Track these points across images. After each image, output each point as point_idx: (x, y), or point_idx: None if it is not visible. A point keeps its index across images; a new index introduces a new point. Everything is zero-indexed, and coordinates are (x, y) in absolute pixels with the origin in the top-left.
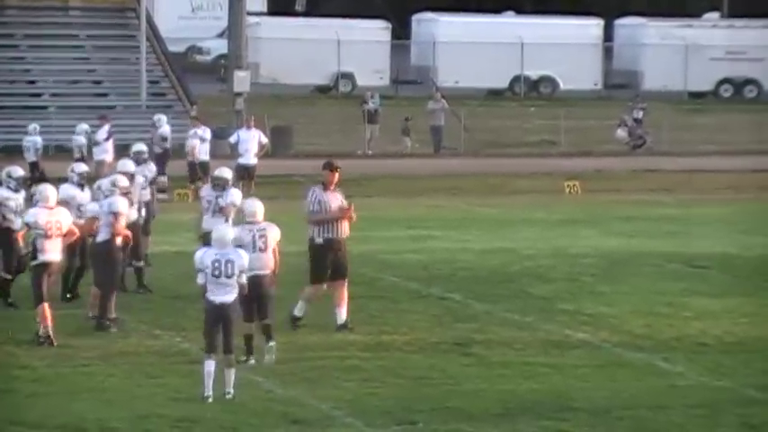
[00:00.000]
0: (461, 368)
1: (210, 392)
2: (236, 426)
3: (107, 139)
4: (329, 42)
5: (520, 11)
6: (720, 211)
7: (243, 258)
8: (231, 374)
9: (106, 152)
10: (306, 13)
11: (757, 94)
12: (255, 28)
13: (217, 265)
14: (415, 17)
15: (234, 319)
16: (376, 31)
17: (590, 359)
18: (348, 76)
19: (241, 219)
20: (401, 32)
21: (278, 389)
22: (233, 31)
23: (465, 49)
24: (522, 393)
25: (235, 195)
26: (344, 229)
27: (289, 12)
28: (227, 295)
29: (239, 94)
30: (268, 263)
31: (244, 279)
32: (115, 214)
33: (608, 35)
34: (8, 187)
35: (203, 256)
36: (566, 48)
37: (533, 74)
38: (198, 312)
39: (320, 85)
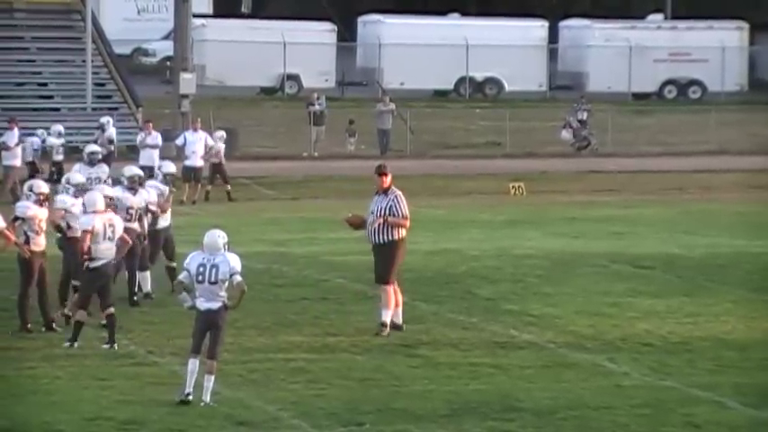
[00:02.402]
0: (408, 369)
1: (191, 390)
2: (183, 428)
3: (18, 143)
4: (275, 44)
5: (465, 13)
6: (664, 211)
7: (231, 263)
8: (210, 381)
9: (16, 157)
10: (251, 15)
11: (701, 95)
12: (201, 30)
13: (201, 270)
14: (361, 19)
15: (222, 327)
16: (321, 33)
17: (535, 360)
18: (294, 78)
19: None
20: (347, 34)
21: (224, 390)
22: (178, 33)
23: (410, 51)
24: (468, 394)
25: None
26: (385, 233)
27: (235, 14)
28: (212, 302)
29: (185, 96)
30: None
31: (238, 279)
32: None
33: (553, 37)
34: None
35: (192, 258)
36: (511, 49)
37: (479, 75)
38: (142, 315)
39: (266, 86)
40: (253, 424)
